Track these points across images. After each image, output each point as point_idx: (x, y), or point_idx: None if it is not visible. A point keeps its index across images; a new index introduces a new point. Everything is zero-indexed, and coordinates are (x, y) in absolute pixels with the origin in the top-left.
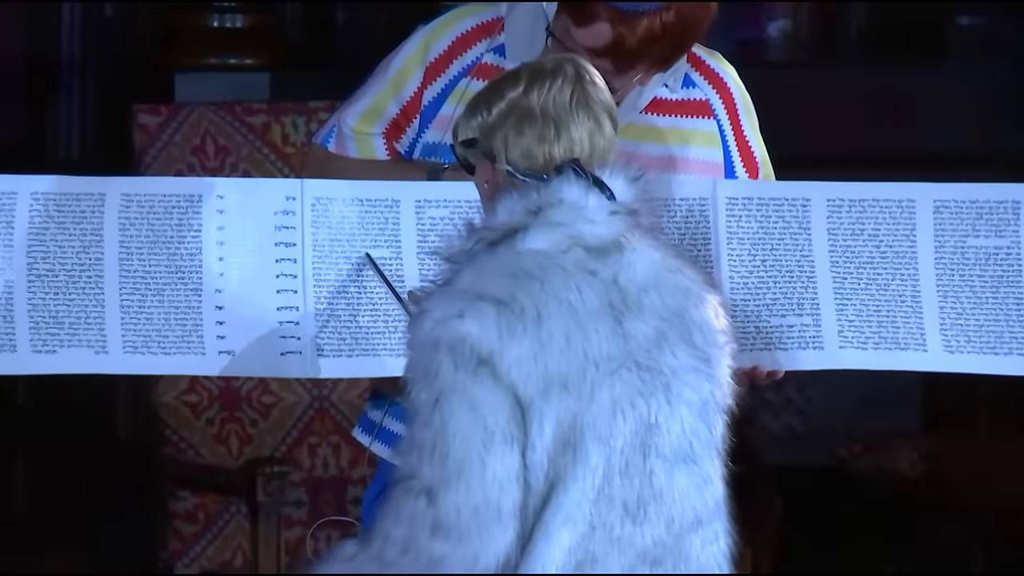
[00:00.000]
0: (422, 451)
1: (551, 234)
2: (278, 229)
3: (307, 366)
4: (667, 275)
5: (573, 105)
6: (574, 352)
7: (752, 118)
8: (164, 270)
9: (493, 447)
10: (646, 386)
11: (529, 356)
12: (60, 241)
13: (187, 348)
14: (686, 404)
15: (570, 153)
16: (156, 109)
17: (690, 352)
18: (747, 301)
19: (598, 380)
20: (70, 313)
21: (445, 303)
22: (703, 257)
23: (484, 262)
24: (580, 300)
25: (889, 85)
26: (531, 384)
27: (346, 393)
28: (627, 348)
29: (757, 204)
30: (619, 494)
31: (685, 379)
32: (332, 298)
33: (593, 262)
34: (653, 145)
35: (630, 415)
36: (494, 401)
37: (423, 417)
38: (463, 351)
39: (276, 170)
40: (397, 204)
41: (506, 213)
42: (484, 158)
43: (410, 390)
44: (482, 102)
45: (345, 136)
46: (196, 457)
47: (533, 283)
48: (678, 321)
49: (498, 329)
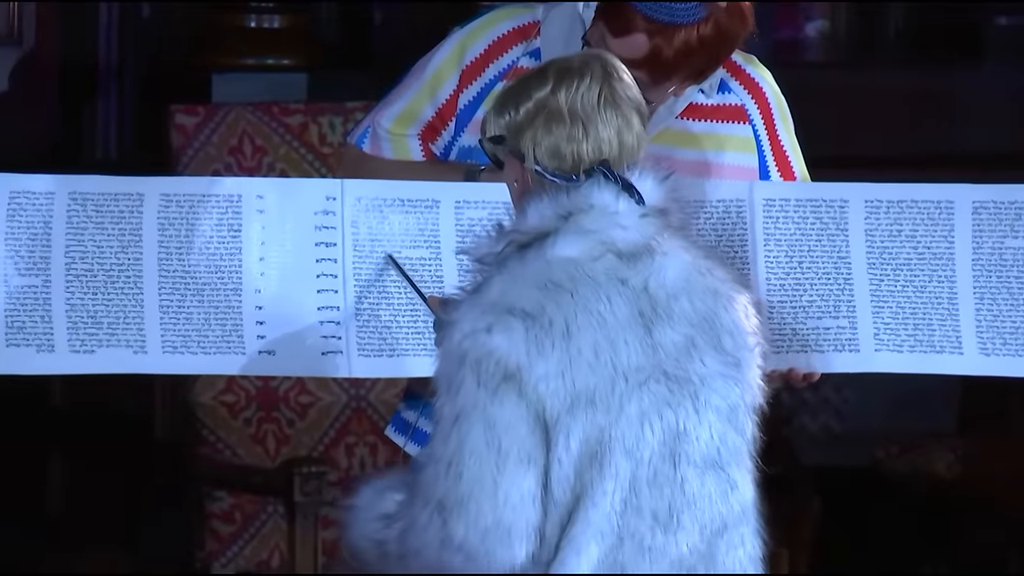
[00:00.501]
0: (439, 466)
1: (582, 241)
2: (318, 229)
3: (347, 366)
4: (697, 278)
5: (601, 103)
6: (603, 366)
7: (788, 122)
8: (204, 270)
9: (507, 468)
10: (674, 396)
11: (557, 372)
12: (99, 241)
13: (227, 348)
14: (714, 411)
15: (599, 152)
16: (193, 109)
17: (719, 358)
18: (783, 303)
19: (627, 393)
20: (108, 313)
21: (474, 315)
22: (739, 259)
23: (514, 270)
24: (610, 311)
25: (927, 85)
26: (558, 400)
27: (383, 393)
28: (656, 359)
29: (794, 205)
30: (648, 504)
31: (713, 386)
32: (372, 298)
33: (624, 269)
34: (688, 150)
35: (658, 426)
36: (511, 420)
37: (443, 431)
38: (488, 367)
39: (313, 170)
40: (437, 205)
41: (536, 217)
42: (512, 157)
43: (436, 399)
44: (510, 100)
45: (380, 137)
46: (233, 457)
47: (563, 295)
48: (708, 327)
49: (526, 345)
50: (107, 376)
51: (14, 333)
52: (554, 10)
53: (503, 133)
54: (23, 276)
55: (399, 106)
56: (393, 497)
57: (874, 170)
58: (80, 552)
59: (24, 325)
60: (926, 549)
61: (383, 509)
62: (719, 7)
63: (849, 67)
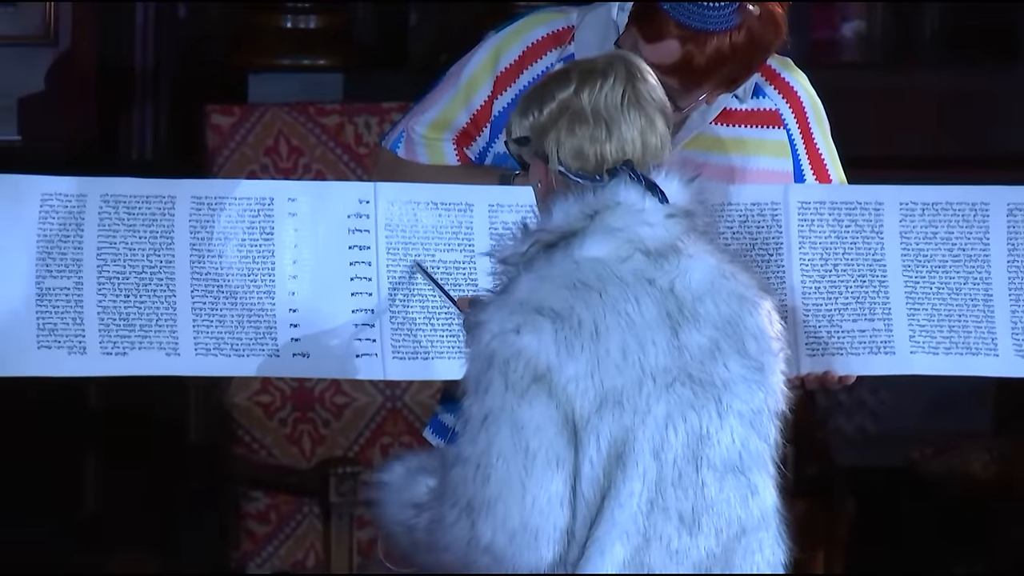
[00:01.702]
0: (467, 467)
1: (609, 240)
2: (351, 232)
3: (382, 368)
4: (722, 282)
5: (625, 104)
6: (631, 366)
7: (823, 126)
8: (236, 272)
9: (535, 471)
10: (698, 399)
11: (586, 373)
12: (130, 243)
13: (260, 350)
14: (736, 415)
15: (622, 153)
16: (229, 110)
17: (743, 362)
18: (819, 305)
19: (654, 394)
20: (141, 315)
21: (503, 315)
22: (774, 262)
23: (542, 270)
24: (638, 312)
25: (963, 86)
26: (587, 401)
27: (419, 394)
28: (682, 361)
29: (829, 208)
30: (674, 505)
31: (736, 390)
32: (406, 300)
33: (651, 269)
34: (722, 155)
35: (682, 428)
36: (540, 422)
37: (471, 432)
38: (517, 367)
39: (349, 171)
40: (471, 208)
41: (562, 215)
42: (537, 158)
43: (464, 399)
44: (533, 101)
45: (415, 142)
46: (268, 458)
47: (591, 295)
48: (732, 330)
49: (556, 345)
50: (142, 379)
51: (46, 335)
52: (588, 15)
53: (527, 134)
54: (55, 278)
55: (433, 112)
56: (425, 482)
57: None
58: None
59: (56, 327)
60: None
61: (415, 495)
62: (752, 15)
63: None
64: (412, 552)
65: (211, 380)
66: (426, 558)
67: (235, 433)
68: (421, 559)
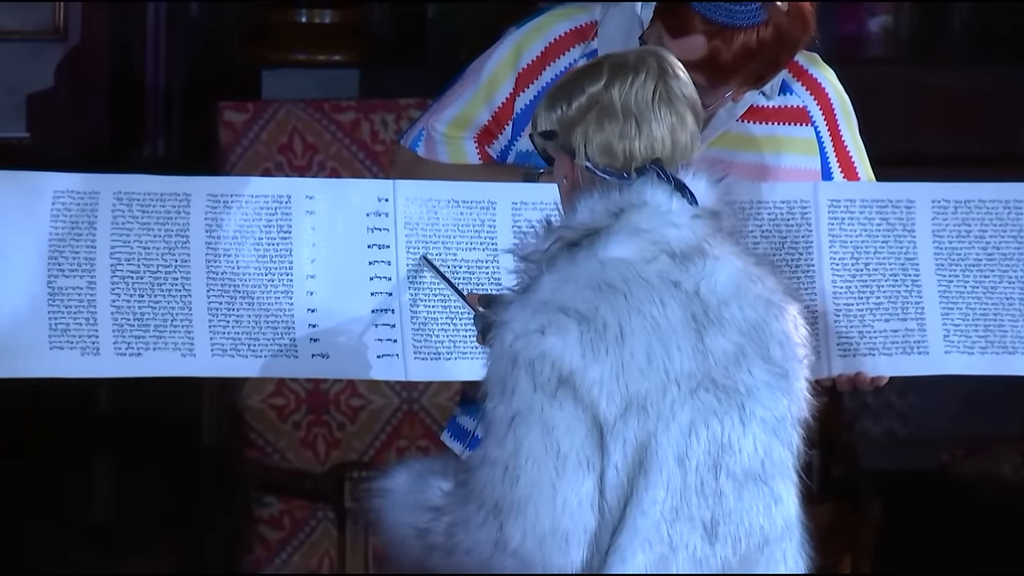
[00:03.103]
0: (494, 470)
1: (635, 241)
2: (371, 230)
3: (403, 369)
4: (748, 285)
5: (655, 101)
6: (655, 371)
7: (851, 123)
8: (253, 272)
9: (565, 473)
10: (721, 405)
11: (611, 376)
12: (145, 242)
13: (279, 351)
14: (760, 422)
15: (651, 151)
16: (242, 106)
17: (767, 368)
18: (850, 306)
19: (679, 399)
20: (155, 316)
21: (525, 315)
22: (804, 261)
23: (565, 269)
24: (663, 315)
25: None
26: (613, 405)
27: (436, 396)
28: (706, 366)
29: (860, 206)
30: (698, 514)
31: (760, 397)
32: (428, 300)
33: (676, 271)
34: (749, 153)
35: (704, 435)
36: (571, 423)
37: (498, 434)
38: (543, 369)
39: (365, 169)
40: (493, 206)
41: (587, 212)
42: (563, 153)
43: (487, 401)
44: (562, 95)
45: (435, 140)
46: (282, 461)
47: (617, 296)
48: (757, 335)
49: (581, 348)
50: (154, 380)
51: (58, 336)
52: (612, 10)
53: (554, 128)
54: (67, 277)
55: (454, 110)
56: (438, 485)
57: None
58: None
59: (68, 328)
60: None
61: (428, 499)
62: (779, 10)
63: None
64: (424, 556)
65: (224, 381)
66: (442, 562)
67: (248, 436)
68: (435, 563)
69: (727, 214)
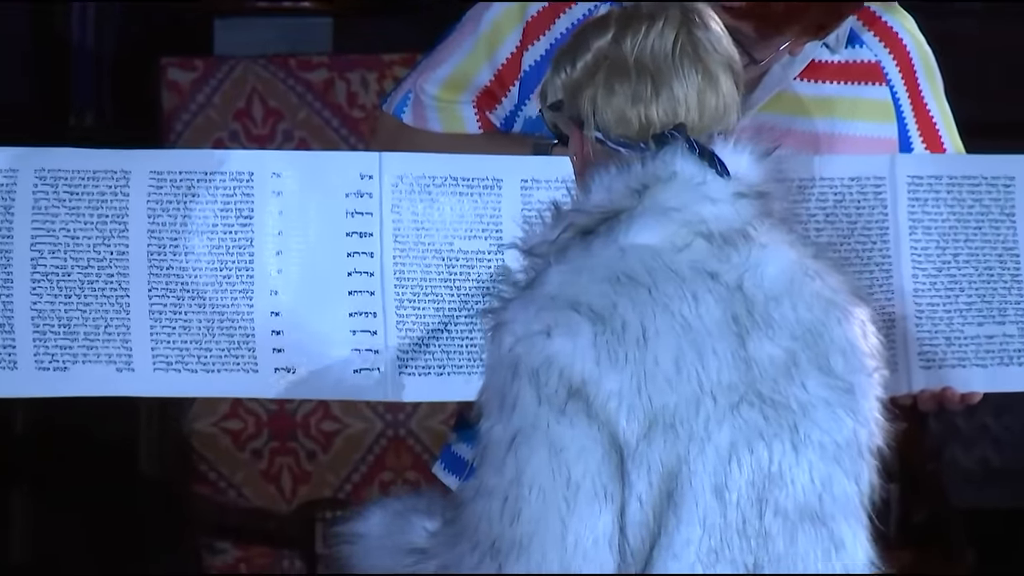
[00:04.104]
0: (491, 501)
1: (663, 224)
2: (350, 216)
3: (386, 386)
4: (804, 281)
5: (676, 54)
6: (685, 381)
7: (935, 81)
8: (205, 267)
9: (578, 505)
10: (769, 426)
11: (632, 387)
12: (73, 231)
13: (235, 364)
14: (817, 448)
15: (673, 116)
16: (190, 63)
17: (826, 382)
18: (935, 306)
19: (715, 417)
20: (86, 321)
21: (528, 314)
22: (879, 252)
23: (577, 260)
24: (696, 313)
25: None
26: (634, 422)
27: (428, 419)
28: (750, 377)
29: (947, 185)
30: (741, 559)
31: (817, 417)
32: (418, 302)
33: (714, 261)
34: (809, 119)
35: (747, 461)
36: (583, 445)
37: (495, 458)
38: (549, 378)
39: (341, 140)
40: (499, 184)
41: (603, 192)
42: (572, 124)
43: (483, 420)
44: (566, 54)
45: (425, 105)
46: (239, 499)
47: (639, 291)
48: (814, 341)
49: (595, 352)
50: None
51: None
52: None
53: (561, 96)
54: None
55: (448, 67)
56: (421, 524)
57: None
58: None
59: None
60: None
61: (411, 540)
62: None
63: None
64: None
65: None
66: None
67: (196, 468)
68: None
69: (778, 194)
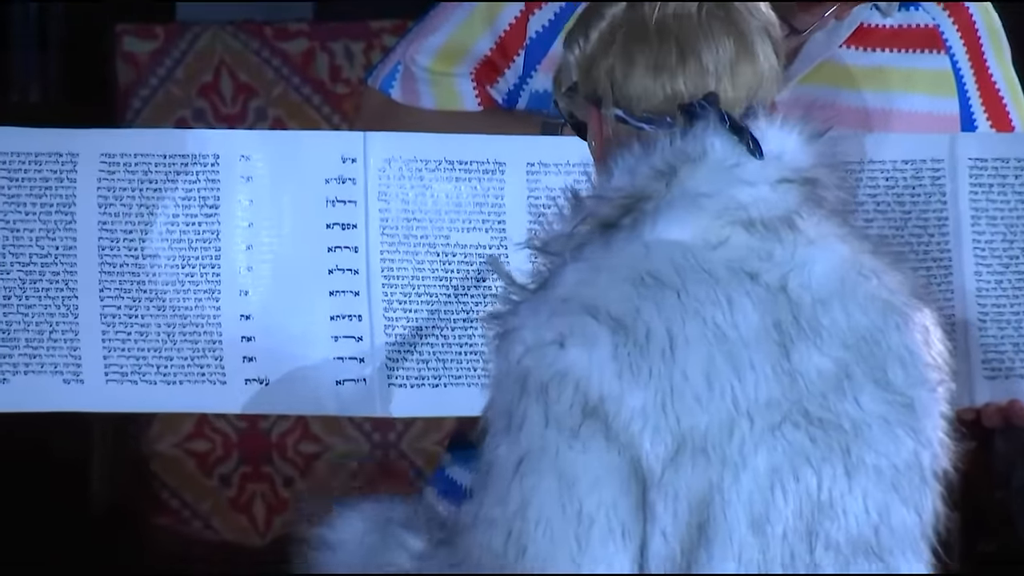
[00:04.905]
0: (492, 533)
1: (694, 215)
2: (331, 204)
3: (374, 400)
4: (857, 281)
5: (703, 17)
6: (718, 398)
7: (1002, 49)
8: (165, 263)
9: (591, 545)
10: (817, 448)
11: (657, 405)
12: (13, 223)
13: (200, 375)
14: (872, 473)
15: (701, 87)
16: (149, 31)
17: (883, 397)
18: (1000, 307)
19: (751, 439)
20: (28, 326)
21: (539, 319)
22: (936, 247)
23: (596, 257)
24: (731, 321)
25: None
26: (659, 445)
27: (420, 439)
28: (795, 392)
29: (1015, 168)
30: None
31: (872, 438)
32: (409, 303)
33: (754, 259)
34: (857, 92)
35: (793, 489)
36: (599, 474)
37: (499, 484)
38: (562, 395)
39: (321, 119)
40: (502, 168)
41: (625, 175)
42: (589, 104)
43: (487, 438)
44: (579, 24)
45: (416, 78)
46: (205, 530)
47: (665, 294)
48: (869, 350)
49: (616, 364)
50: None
51: None
52: None
53: (575, 77)
54: None
55: (442, 35)
56: (407, 543)
57: None
58: None
59: None
60: None
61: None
62: None
63: None
64: None
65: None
66: None
67: (157, 495)
68: None
69: (829, 183)
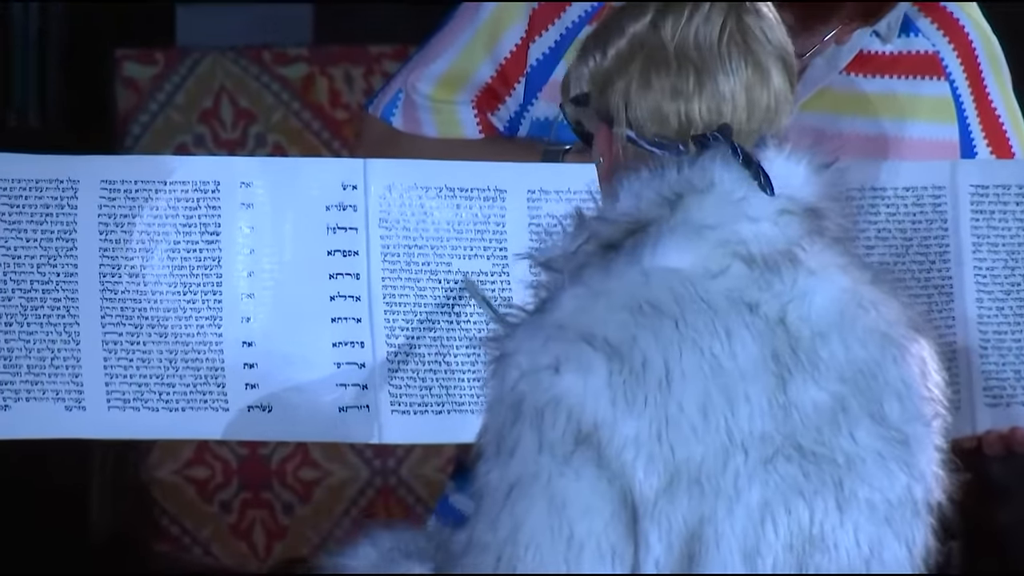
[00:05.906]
0: (483, 558)
1: (695, 244)
2: (332, 231)
3: (375, 427)
4: (857, 314)
5: (724, 43)
6: (713, 430)
7: (1001, 75)
8: (167, 290)
9: (581, 567)
10: (810, 483)
11: (651, 435)
12: (14, 249)
13: (202, 402)
14: (865, 508)
15: (717, 114)
16: (149, 56)
17: (878, 432)
18: (1002, 334)
19: (746, 472)
20: (29, 353)
21: (535, 344)
22: (938, 274)
23: (593, 282)
24: (729, 351)
25: None
26: (652, 475)
27: (422, 466)
28: (788, 426)
29: (1016, 195)
30: None
31: (865, 472)
32: (411, 330)
33: (754, 290)
34: (858, 119)
35: (784, 522)
36: (590, 501)
37: (490, 510)
38: (556, 421)
39: (321, 144)
40: (503, 196)
41: (630, 199)
42: (599, 121)
43: (480, 463)
44: (596, 40)
45: (417, 106)
46: (205, 557)
47: (663, 323)
48: (866, 384)
49: (611, 392)
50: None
51: None
52: None
53: (587, 88)
54: None
55: (444, 63)
56: (411, 571)
57: None
58: None
59: None
60: None
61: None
62: None
63: None
64: None
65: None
66: None
67: (157, 521)
68: None
69: (832, 214)
